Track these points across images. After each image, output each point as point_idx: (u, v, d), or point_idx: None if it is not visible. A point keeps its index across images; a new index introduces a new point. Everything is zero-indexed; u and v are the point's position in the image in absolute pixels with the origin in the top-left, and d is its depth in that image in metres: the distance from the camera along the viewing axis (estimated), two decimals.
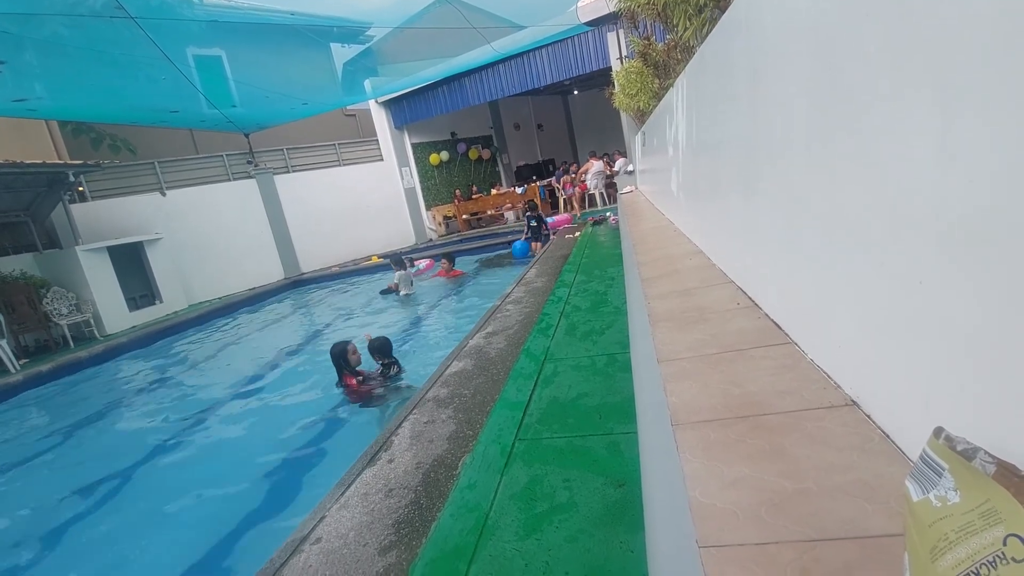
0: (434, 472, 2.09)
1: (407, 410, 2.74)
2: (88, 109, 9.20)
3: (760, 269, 1.77)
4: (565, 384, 2.70)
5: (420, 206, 15.32)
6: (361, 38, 9.91)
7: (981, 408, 0.67)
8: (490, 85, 12.78)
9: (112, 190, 10.86)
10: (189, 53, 7.93)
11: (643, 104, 6.95)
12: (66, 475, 4.07)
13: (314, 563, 1.69)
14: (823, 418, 1.04)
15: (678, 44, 5.02)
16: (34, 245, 9.26)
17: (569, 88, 16.79)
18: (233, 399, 5.06)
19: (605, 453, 2.00)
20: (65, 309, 8.48)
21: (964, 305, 0.68)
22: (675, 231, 4.06)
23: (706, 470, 0.95)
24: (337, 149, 14.04)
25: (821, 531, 0.75)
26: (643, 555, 1.42)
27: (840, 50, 0.96)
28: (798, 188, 1.27)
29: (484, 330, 3.98)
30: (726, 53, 1.84)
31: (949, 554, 0.48)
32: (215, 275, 11.56)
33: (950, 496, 0.51)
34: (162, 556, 2.74)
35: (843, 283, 1.06)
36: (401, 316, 7.27)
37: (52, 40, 6.31)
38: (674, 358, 1.52)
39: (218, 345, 7.74)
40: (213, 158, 12.26)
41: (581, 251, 7.03)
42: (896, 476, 0.83)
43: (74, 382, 6.85)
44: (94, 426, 5.07)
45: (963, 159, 0.65)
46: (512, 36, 10.77)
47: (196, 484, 3.47)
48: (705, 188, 2.74)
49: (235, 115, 10.55)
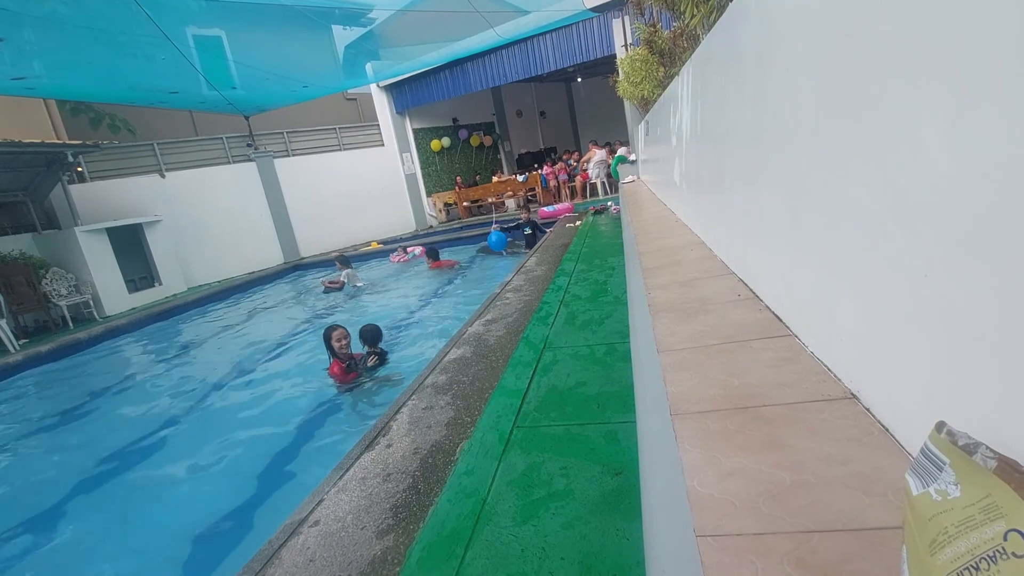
0: (432, 458, 2.10)
1: (406, 396, 2.75)
2: (87, 88, 9.10)
3: (762, 261, 1.76)
4: (564, 372, 2.70)
5: (421, 192, 15.25)
6: (363, 20, 9.78)
7: (983, 403, 0.67)
8: (493, 71, 12.65)
9: (111, 171, 10.80)
10: (189, 33, 7.82)
11: (647, 93, 6.88)
12: (65, 454, 4.10)
13: (312, 545, 1.70)
14: (823, 410, 1.04)
15: (684, 32, 4.96)
16: (33, 225, 9.23)
17: (573, 75, 16.64)
18: (231, 382, 5.07)
19: (603, 441, 2.01)
20: (64, 290, 8.48)
21: (969, 299, 0.68)
22: (676, 221, 4.05)
23: (705, 460, 0.95)
24: (338, 133, 13.94)
25: (818, 522, 0.75)
26: (639, 543, 1.44)
27: (851, 33, 0.94)
28: (802, 179, 1.26)
29: (483, 317, 3.98)
30: (733, 40, 1.82)
31: (948, 548, 0.48)
32: (214, 258, 11.54)
33: (951, 490, 0.51)
34: (159, 537, 2.76)
35: (845, 275, 1.06)
36: (395, 304, 7.27)
37: (51, 17, 6.23)
38: (674, 348, 1.52)
39: (217, 328, 7.75)
40: (213, 140, 12.18)
41: (582, 240, 7.01)
42: (895, 469, 0.83)
43: (74, 363, 6.87)
44: (93, 406, 5.10)
45: (975, 151, 0.64)
46: (516, 21, 10.64)
47: (193, 465, 3.49)
48: (708, 178, 2.72)
49: (235, 97, 10.45)
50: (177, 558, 2.55)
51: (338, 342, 4.18)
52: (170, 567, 2.51)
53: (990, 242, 0.63)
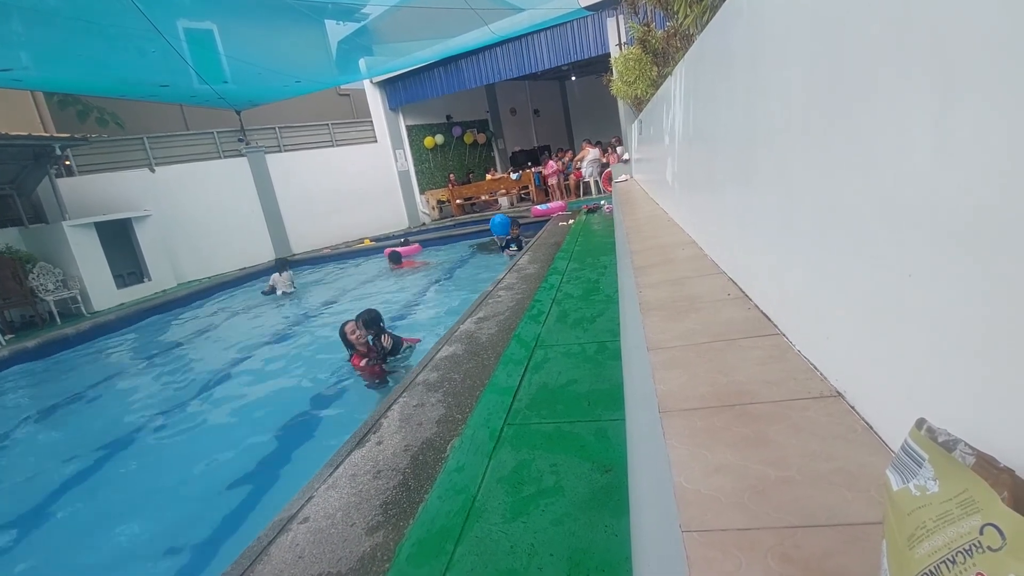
0: (422, 455, 2.10)
1: (396, 393, 2.75)
2: (75, 81, 8.97)
3: (751, 260, 1.78)
4: (555, 371, 2.71)
5: (414, 189, 15.20)
6: (356, 15, 9.72)
7: (963, 401, 0.68)
8: (487, 68, 12.62)
9: (100, 165, 10.66)
10: (180, 26, 7.74)
11: (641, 92, 6.90)
12: (50, 451, 4.05)
13: (301, 541, 1.70)
14: (808, 408, 1.05)
15: (678, 31, 4.97)
16: (19, 219, 9.10)
17: (567, 74, 16.63)
18: (220, 379, 5.04)
19: (592, 439, 2.01)
20: (51, 285, 8.37)
21: (952, 299, 0.69)
22: (668, 220, 4.06)
23: (691, 457, 0.96)
24: (330, 129, 13.85)
25: (802, 518, 0.76)
26: (627, 539, 1.45)
27: (840, 33, 0.95)
28: (792, 180, 1.27)
29: (475, 315, 3.98)
30: (725, 41, 1.83)
31: (927, 542, 0.49)
32: (204, 254, 11.44)
33: (929, 486, 0.52)
34: (147, 533, 2.74)
35: (833, 275, 1.07)
36: (391, 295, 7.25)
37: (39, 8, 6.13)
38: (664, 346, 1.53)
39: (206, 324, 7.69)
40: (204, 135, 12.06)
41: (574, 239, 7.02)
42: (877, 466, 0.84)
43: (61, 359, 6.79)
44: (79, 402, 5.04)
45: (959, 152, 0.65)
46: (510, 19, 10.62)
47: (181, 463, 3.47)
48: (700, 178, 2.73)
49: (226, 91, 10.35)
50: (165, 554, 2.53)
51: (352, 335, 4.12)
52: (158, 563, 2.49)
53: (973, 243, 0.64)
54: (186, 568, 2.43)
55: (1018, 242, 0.56)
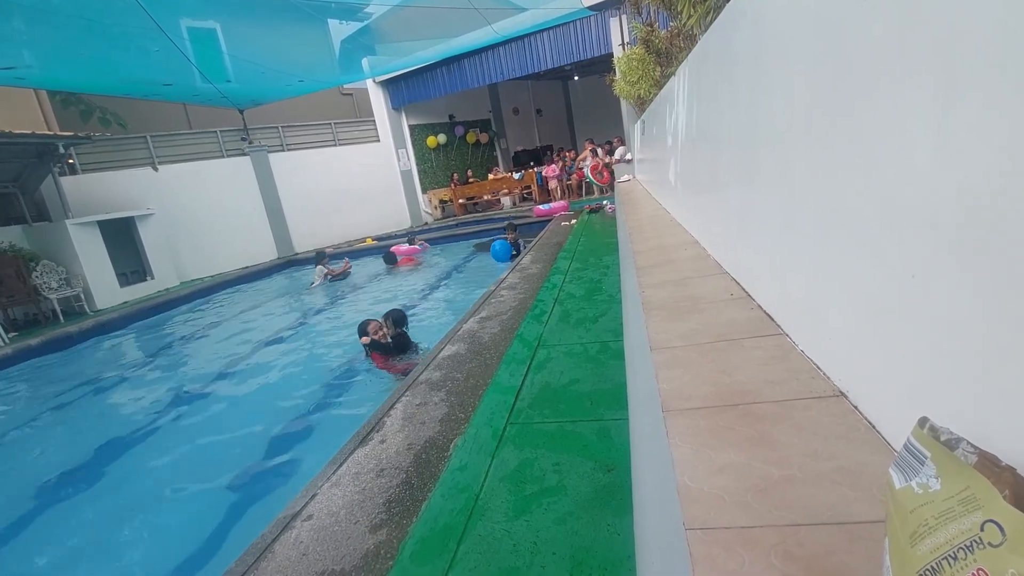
0: (425, 453, 2.11)
1: (399, 392, 2.76)
2: (78, 79, 9.00)
3: (754, 260, 1.78)
4: (557, 370, 2.72)
5: (416, 189, 15.20)
6: (360, 15, 9.74)
7: (965, 400, 0.69)
8: (490, 68, 12.62)
9: (103, 163, 10.69)
10: (183, 25, 7.76)
11: (644, 92, 6.89)
12: (56, 448, 4.07)
13: (305, 539, 1.71)
14: (811, 407, 1.05)
15: (681, 32, 4.97)
16: (23, 217, 9.12)
17: (569, 73, 16.60)
18: (223, 376, 5.05)
19: (595, 438, 2.02)
20: (55, 283, 8.40)
21: (953, 299, 0.69)
22: (671, 220, 4.07)
23: (695, 456, 0.96)
24: (333, 128, 13.86)
25: (805, 516, 0.77)
26: (630, 537, 1.45)
27: (843, 30, 0.95)
28: (795, 181, 1.28)
29: (478, 315, 3.98)
30: (728, 41, 1.83)
31: (928, 539, 0.49)
32: (207, 253, 11.46)
33: (931, 483, 0.53)
34: (151, 529, 2.75)
35: (835, 276, 1.08)
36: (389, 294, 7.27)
37: (42, 7, 6.15)
38: (667, 346, 1.53)
39: (209, 324, 7.70)
40: (207, 134, 12.08)
41: (577, 239, 7.02)
42: (879, 465, 0.84)
43: (64, 357, 6.81)
44: (82, 400, 5.06)
45: (961, 153, 0.65)
46: (513, 18, 10.62)
47: (184, 459, 3.48)
48: (703, 179, 2.74)
49: (229, 90, 10.38)
50: (169, 552, 2.54)
51: (376, 332, 4.22)
52: (163, 559, 2.50)
53: (974, 245, 0.64)
54: (191, 563, 2.44)
55: (1018, 242, 0.57)
